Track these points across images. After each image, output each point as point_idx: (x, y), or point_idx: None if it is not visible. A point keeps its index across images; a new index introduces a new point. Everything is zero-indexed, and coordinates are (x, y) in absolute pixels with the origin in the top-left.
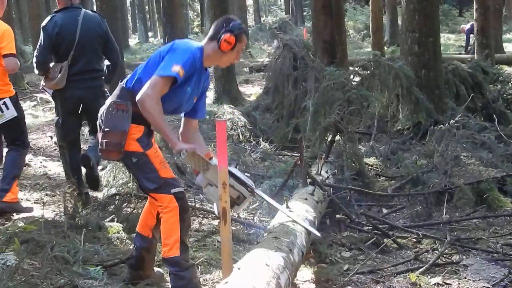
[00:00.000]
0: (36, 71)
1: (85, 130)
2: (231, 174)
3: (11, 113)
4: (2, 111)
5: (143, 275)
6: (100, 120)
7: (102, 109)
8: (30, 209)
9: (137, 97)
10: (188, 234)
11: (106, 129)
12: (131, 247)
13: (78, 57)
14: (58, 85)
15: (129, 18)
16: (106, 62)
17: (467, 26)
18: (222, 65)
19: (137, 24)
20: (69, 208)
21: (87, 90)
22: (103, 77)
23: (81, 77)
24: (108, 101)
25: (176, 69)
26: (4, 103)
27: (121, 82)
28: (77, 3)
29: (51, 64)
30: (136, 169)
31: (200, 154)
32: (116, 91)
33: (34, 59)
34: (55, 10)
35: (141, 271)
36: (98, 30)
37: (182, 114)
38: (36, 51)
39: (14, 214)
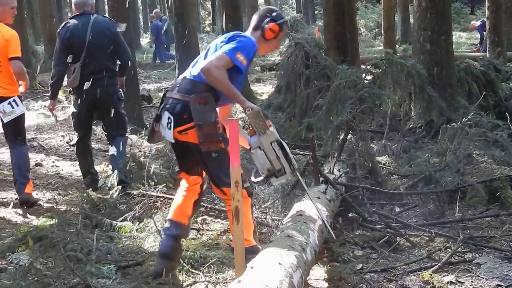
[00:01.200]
0: (52, 74)
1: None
2: (282, 147)
3: (20, 109)
4: (13, 108)
5: (176, 266)
6: (176, 116)
7: (178, 106)
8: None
9: (203, 67)
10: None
11: (200, 123)
12: (144, 246)
13: (89, 58)
14: (72, 84)
15: (141, 17)
16: (118, 62)
17: (478, 23)
18: (263, 52)
19: (148, 24)
20: (84, 207)
21: (100, 88)
22: (116, 76)
23: (94, 76)
24: (180, 97)
25: (240, 58)
26: (14, 101)
27: (185, 77)
28: (89, 10)
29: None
30: (214, 164)
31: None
32: (186, 86)
33: (53, 62)
34: (70, 16)
35: (175, 262)
36: (107, 33)
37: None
38: (53, 55)
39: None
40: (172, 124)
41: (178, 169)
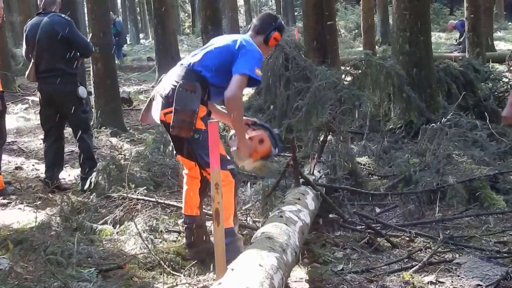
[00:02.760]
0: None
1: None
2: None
3: None
4: None
5: (203, 250)
6: (164, 97)
7: (167, 89)
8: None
9: (228, 95)
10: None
11: (177, 107)
12: (125, 249)
13: (40, 57)
14: (29, 78)
15: (121, 19)
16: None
17: (455, 22)
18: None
19: (128, 26)
20: (64, 210)
21: (53, 87)
22: (73, 76)
23: (46, 74)
24: (172, 81)
25: (259, 72)
26: None
27: (181, 64)
28: (48, 9)
29: None
30: (197, 146)
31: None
32: (180, 72)
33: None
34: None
35: (199, 247)
36: (57, 34)
37: None
38: None
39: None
40: (160, 106)
41: (175, 152)
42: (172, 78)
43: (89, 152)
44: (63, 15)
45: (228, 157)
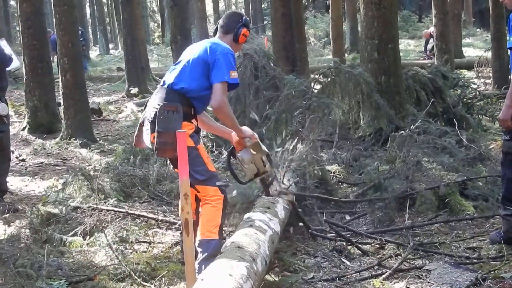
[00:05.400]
0: None
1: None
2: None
3: None
4: None
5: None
6: (151, 122)
7: (152, 113)
8: None
9: (214, 105)
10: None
11: (160, 130)
12: (95, 260)
13: None
14: None
15: (90, 30)
16: None
17: (430, 29)
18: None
19: (98, 36)
20: (34, 222)
21: None
22: None
23: None
24: (154, 104)
25: (235, 75)
26: None
27: (162, 85)
28: None
29: None
30: None
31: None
32: (161, 94)
33: None
34: None
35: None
36: None
37: None
38: None
39: None
40: (149, 130)
41: (173, 167)
42: (155, 101)
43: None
44: None
45: (217, 173)
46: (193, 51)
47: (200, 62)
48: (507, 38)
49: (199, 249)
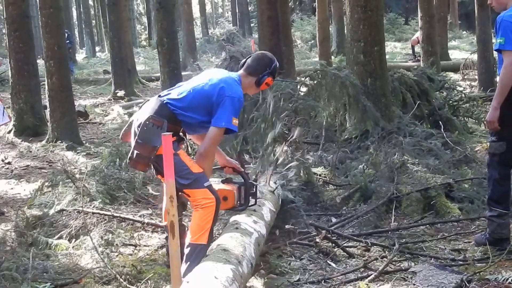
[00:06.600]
0: None
1: None
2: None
3: None
4: None
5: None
6: (137, 130)
7: (140, 120)
8: None
9: (201, 151)
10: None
11: (139, 141)
12: (81, 263)
13: None
14: None
15: (76, 33)
16: None
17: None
18: (251, 94)
19: (84, 39)
20: (19, 225)
21: None
22: None
23: None
24: (146, 113)
25: (236, 122)
26: None
27: (159, 97)
28: None
29: None
30: None
31: None
32: (155, 106)
33: None
34: None
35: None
36: None
37: None
38: None
39: None
40: (137, 137)
41: (155, 173)
42: (147, 109)
43: None
44: None
45: (204, 174)
46: (206, 79)
47: (204, 96)
48: (495, 40)
49: (186, 251)
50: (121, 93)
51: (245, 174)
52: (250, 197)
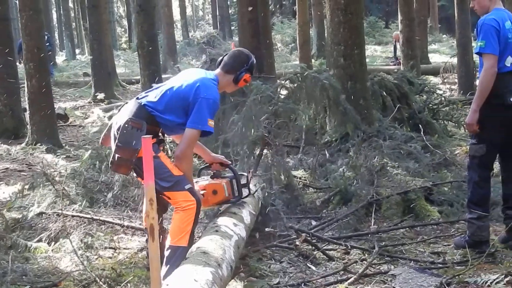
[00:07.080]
0: None
1: None
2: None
3: None
4: None
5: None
6: (116, 133)
7: (120, 123)
8: None
9: (177, 154)
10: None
11: (119, 144)
12: (60, 266)
13: None
14: None
15: (56, 35)
16: None
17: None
18: (229, 91)
19: (64, 41)
20: None
21: None
22: None
23: None
24: (124, 116)
25: (211, 123)
26: None
27: (137, 99)
28: None
29: None
30: None
31: None
32: (133, 108)
33: None
34: None
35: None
36: None
37: None
38: None
39: None
40: (117, 140)
41: (136, 176)
42: (126, 112)
43: None
44: None
45: (184, 177)
46: (182, 80)
47: (181, 97)
48: (475, 43)
49: (166, 253)
50: (101, 95)
51: (233, 167)
52: (243, 188)
